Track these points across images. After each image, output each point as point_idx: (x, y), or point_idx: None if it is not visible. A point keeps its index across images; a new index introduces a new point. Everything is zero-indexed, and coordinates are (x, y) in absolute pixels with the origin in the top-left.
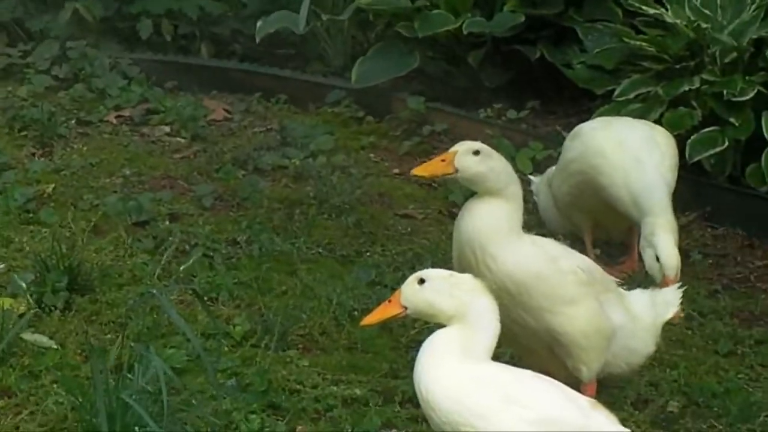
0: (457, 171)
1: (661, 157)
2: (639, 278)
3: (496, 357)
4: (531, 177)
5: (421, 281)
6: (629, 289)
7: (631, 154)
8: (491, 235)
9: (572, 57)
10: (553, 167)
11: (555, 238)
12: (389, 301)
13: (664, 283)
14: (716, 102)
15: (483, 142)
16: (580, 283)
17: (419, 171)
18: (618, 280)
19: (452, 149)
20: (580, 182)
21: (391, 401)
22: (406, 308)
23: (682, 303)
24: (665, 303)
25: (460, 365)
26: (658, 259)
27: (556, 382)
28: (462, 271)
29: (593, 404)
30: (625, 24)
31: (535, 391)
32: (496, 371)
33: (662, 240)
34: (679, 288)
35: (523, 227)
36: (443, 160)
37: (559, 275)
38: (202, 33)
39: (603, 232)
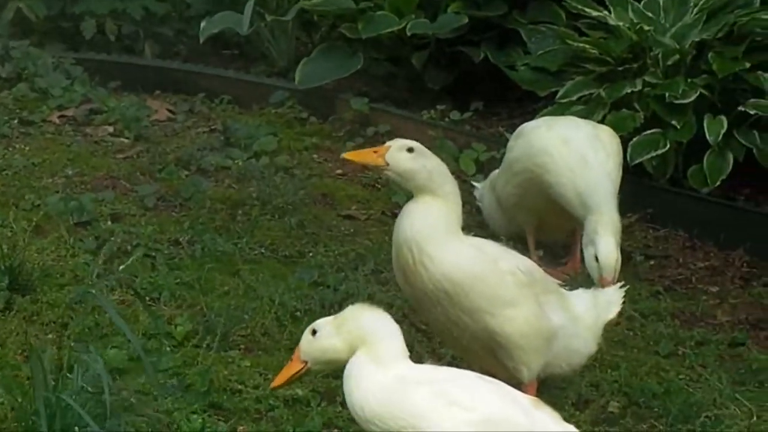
0: (387, 165)
1: (606, 156)
2: (582, 279)
3: (439, 358)
4: (474, 183)
5: (314, 332)
6: (571, 289)
7: (577, 152)
8: (428, 234)
9: (516, 59)
10: (497, 171)
11: (498, 241)
12: (291, 360)
13: (601, 284)
14: (658, 104)
15: (426, 143)
16: (519, 284)
17: (350, 155)
18: (559, 282)
19: (387, 144)
20: (525, 181)
21: (333, 401)
22: (306, 362)
23: (624, 303)
24: (607, 303)
25: (384, 374)
26: (597, 258)
27: (497, 381)
28: (400, 272)
29: (536, 403)
30: (569, 26)
31: (474, 390)
32: (422, 370)
33: (603, 239)
34: (620, 288)
35: (464, 230)
36: (375, 152)
37: (498, 276)
38: (145, 33)
39: (546, 233)
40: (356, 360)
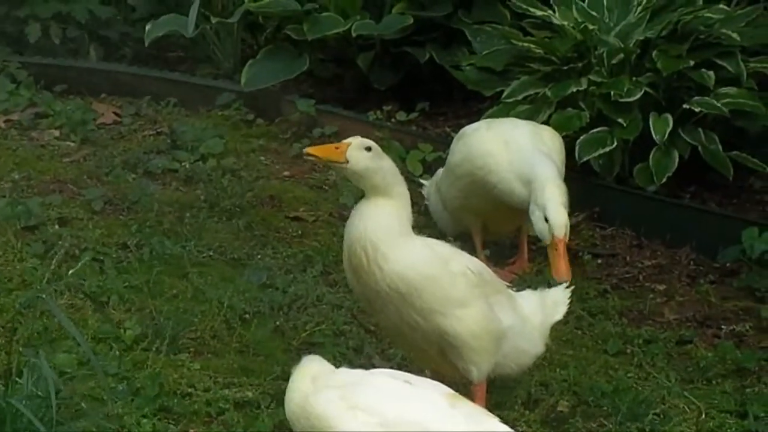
0: (347, 162)
1: (547, 149)
2: (529, 279)
3: (388, 359)
4: (422, 180)
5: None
6: (520, 289)
7: (517, 148)
8: (383, 234)
9: (461, 59)
10: (441, 169)
11: (445, 240)
12: (337, 147)
13: (554, 245)
14: (604, 103)
15: None
16: (470, 284)
17: (312, 150)
18: (507, 283)
19: (346, 141)
20: (468, 184)
21: (283, 404)
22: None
23: (571, 303)
24: (554, 304)
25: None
26: (546, 219)
27: (421, 381)
28: (352, 272)
29: (454, 400)
30: (513, 26)
31: (382, 394)
32: (342, 374)
33: (550, 199)
34: (567, 288)
35: (413, 228)
36: (336, 148)
37: (450, 277)
38: (90, 36)
39: (493, 233)
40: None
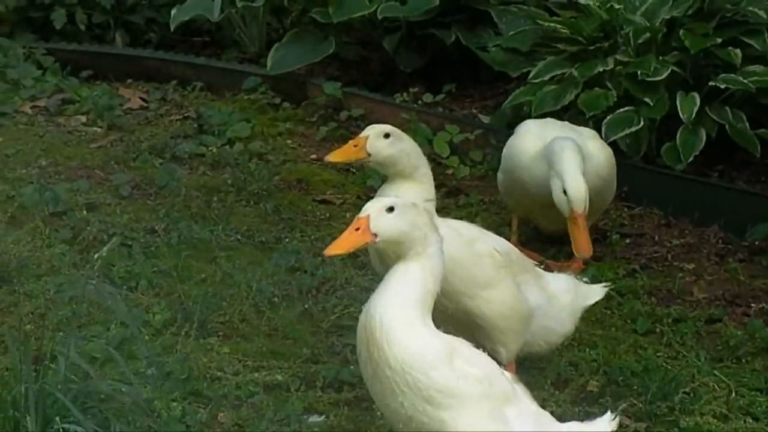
0: (369, 155)
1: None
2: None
3: None
4: None
5: (391, 209)
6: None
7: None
8: None
9: (487, 40)
10: None
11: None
12: (353, 231)
13: (573, 218)
14: (630, 82)
15: (400, 126)
16: (497, 265)
17: (333, 157)
18: (535, 262)
19: (363, 134)
20: (510, 180)
21: (313, 386)
22: (376, 235)
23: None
24: (587, 291)
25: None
26: (565, 191)
27: None
28: (375, 256)
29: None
30: (539, 6)
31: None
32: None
33: (569, 170)
34: (604, 287)
35: (440, 211)
36: (355, 145)
37: (476, 258)
38: (116, 22)
39: (545, 230)
40: None
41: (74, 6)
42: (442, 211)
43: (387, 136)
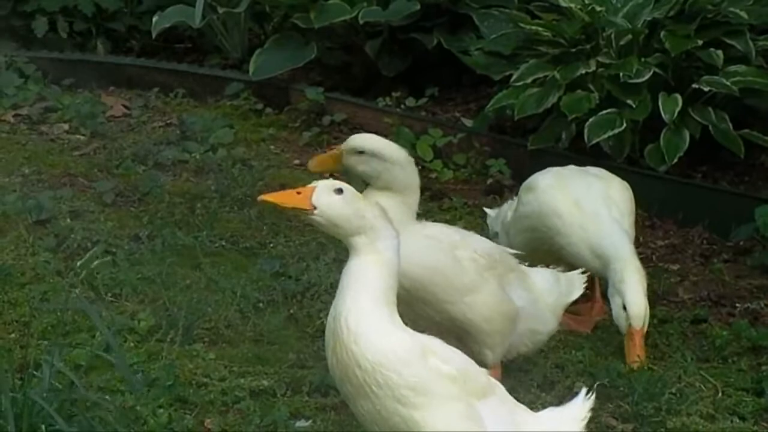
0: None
1: (619, 214)
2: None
3: None
4: (486, 210)
5: (339, 191)
6: None
7: (589, 212)
8: None
9: (469, 43)
10: (507, 205)
11: None
12: (298, 192)
13: (629, 334)
14: (613, 84)
15: (383, 130)
16: (480, 268)
17: (314, 168)
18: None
19: (342, 146)
20: (535, 240)
21: (299, 391)
22: (315, 208)
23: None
24: (569, 284)
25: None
26: (624, 307)
27: None
28: None
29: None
30: (521, 9)
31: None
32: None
33: (630, 288)
34: (581, 273)
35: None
36: (332, 156)
37: (457, 265)
38: (98, 29)
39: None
40: None
41: (56, 14)
42: (426, 214)
43: (361, 153)
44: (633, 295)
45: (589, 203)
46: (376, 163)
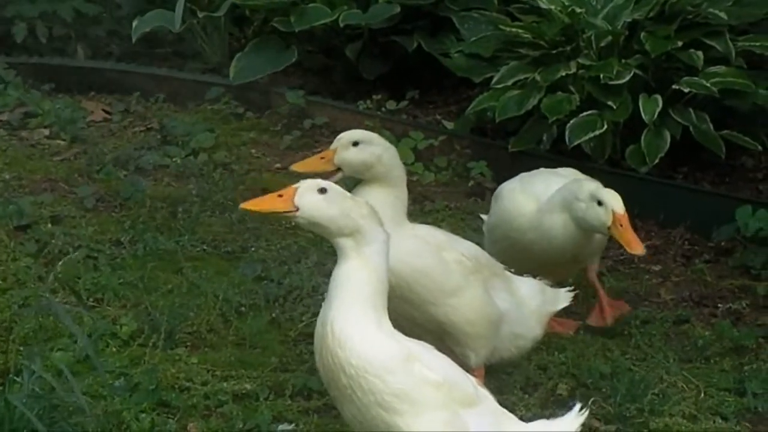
0: (339, 170)
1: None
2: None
3: None
4: (483, 217)
5: (323, 190)
6: None
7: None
8: None
9: (449, 46)
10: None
11: None
12: (280, 195)
13: (617, 223)
14: (593, 86)
15: None
16: (466, 271)
17: (299, 167)
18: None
19: (332, 146)
20: (510, 246)
21: (282, 395)
22: (298, 209)
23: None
24: (554, 296)
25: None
26: (599, 203)
27: None
28: None
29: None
30: (501, 11)
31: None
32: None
33: (593, 185)
34: (570, 291)
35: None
36: (322, 158)
37: (443, 266)
38: (77, 34)
39: (553, 279)
40: None
41: (35, 19)
42: (408, 217)
43: (356, 144)
44: (600, 187)
45: (547, 195)
46: (374, 148)
